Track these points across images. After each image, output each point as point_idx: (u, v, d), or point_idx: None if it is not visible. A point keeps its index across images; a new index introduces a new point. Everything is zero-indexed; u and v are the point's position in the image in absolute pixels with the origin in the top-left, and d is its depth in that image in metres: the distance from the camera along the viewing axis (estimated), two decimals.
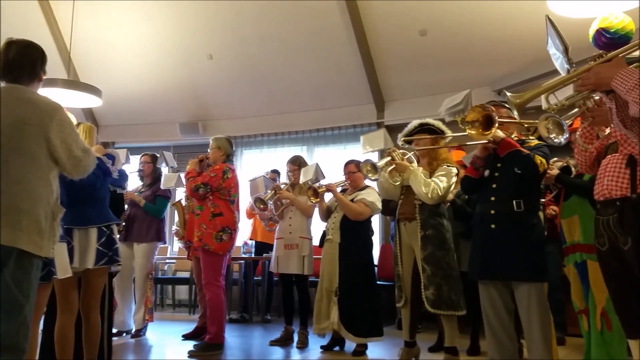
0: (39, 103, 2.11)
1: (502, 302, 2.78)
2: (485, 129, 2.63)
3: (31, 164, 2.04)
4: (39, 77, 2.22)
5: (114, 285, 4.80)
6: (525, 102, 2.55)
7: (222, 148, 4.32)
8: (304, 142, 7.20)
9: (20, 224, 1.94)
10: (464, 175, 3.04)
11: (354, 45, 6.24)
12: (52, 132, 2.07)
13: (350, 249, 4.00)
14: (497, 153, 2.82)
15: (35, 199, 2.02)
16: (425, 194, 3.28)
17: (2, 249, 1.91)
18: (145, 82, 7.36)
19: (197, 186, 4.04)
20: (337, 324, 3.89)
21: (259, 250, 5.96)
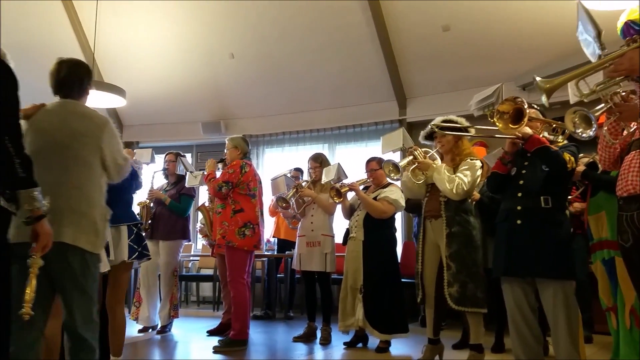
0: (92, 117, 2.37)
1: (526, 300, 2.75)
2: (514, 123, 2.60)
3: (87, 171, 2.29)
4: (86, 92, 2.47)
5: (139, 282, 4.92)
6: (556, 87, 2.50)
7: (239, 147, 4.37)
8: (325, 140, 7.21)
9: (80, 225, 2.17)
10: (491, 172, 2.99)
11: (375, 42, 6.23)
12: (104, 143, 2.34)
13: (374, 246, 4.00)
14: (525, 149, 2.78)
15: (92, 203, 2.27)
16: (450, 190, 3.25)
17: (69, 248, 2.13)
18: (168, 82, 7.46)
19: (219, 185, 4.09)
20: (363, 320, 3.91)
21: (282, 248, 6.00)
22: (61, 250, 2.06)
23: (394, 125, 6.66)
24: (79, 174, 2.25)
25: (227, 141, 4.44)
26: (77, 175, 2.23)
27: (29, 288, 1.75)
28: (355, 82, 6.73)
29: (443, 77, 6.31)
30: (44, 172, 1.99)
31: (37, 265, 1.80)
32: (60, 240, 2.06)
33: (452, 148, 3.46)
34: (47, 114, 2.32)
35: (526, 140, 2.76)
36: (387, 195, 4.03)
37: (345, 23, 6.20)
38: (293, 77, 6.95)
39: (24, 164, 1.70)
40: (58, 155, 2.22)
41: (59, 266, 2.07)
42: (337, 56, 6.56)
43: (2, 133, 1.65)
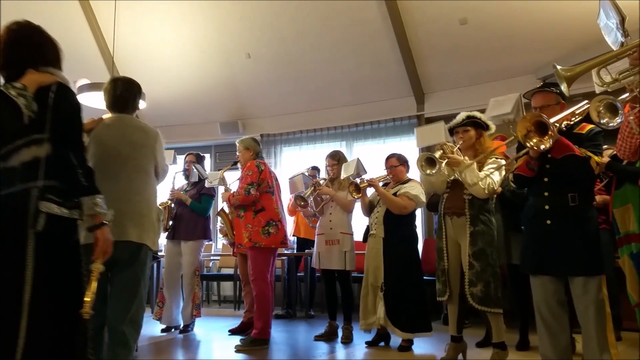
0: (147, 129, 2.72)
1: (555, 295, 2.70)
2: (542, 133, 2.52)
3: (146, 178, 2.63)
4: (137, 107, 2.84)
5: (162, 282, 4.96)
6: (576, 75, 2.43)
7: (250, 148, 4.37)
8: (343, 138, 7.18)
9: (143, 226, 2.49)
10: (516, 174, 2.91)
11: (392, 38, 6.18)
12: (158, 152, 2.70)
13: (395, 243, 3.96)
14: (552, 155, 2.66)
15: (151, 206, 2.62)
16: (483, 189, 3.19)
17: (134, 246, 2.47)
18: (186, 84, 7.51)
19: (246, 190, 4.07)
20: (384, 319, 3.87)
21: (302, 247, 6.00)
22: (127, 247, 2.40)
23: (412, 121, 6.60)
24: (139, 181, 2.57)
25: (238, 143, 4.44)
26: (138, 182, 2.54)
27: (89, 290, 1.86)
28: (372, 79, 6.69)
29: (461, 71, 6.23)
30: (109, 180, 2.34)
31: (98, 270, 1.92)
32: (127, 239, 2.41)
33: (474, 144, 3.40)
34: (108, 128, 2.61)
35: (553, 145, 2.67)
36: (407, 190, 3.99)
37: (361, 19, 6.17)
38: (309, 75, 6.94)
39: (86, 174, 1.91)
40: (121, 165, 2.53)
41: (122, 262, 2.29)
42: (354, 53, 6.53)
43: (68, 149, 1.87)
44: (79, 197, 1.89)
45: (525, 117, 2.58)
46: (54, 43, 2.04)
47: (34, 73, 1.88)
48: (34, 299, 1.72)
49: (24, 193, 1.77)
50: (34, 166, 1.79)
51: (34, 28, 2.00)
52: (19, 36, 1.95)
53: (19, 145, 1.79)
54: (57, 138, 1.84)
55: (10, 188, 1.78)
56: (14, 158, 1.79)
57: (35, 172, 1.79)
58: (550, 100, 2.82)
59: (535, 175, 2.78)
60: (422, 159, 3.29)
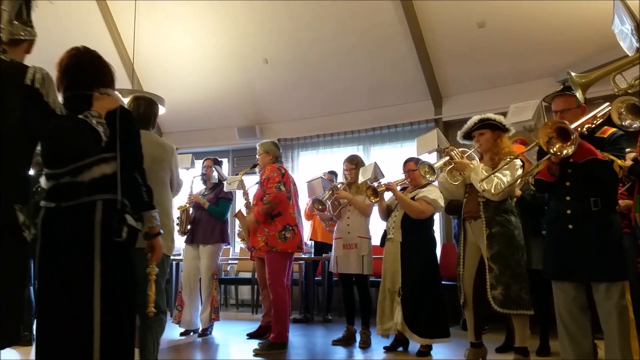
0: (164, 145, 3.04)
1: (577, 301, 2.67)
2: (564, 139, 2.50)
3: (164, 190, 2.92)
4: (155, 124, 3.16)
5: (181, 285, 5.01)
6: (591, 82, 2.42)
7: (270, 152, 4.39)
8: (360, 142, 7.18)
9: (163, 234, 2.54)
10: (537, 178, 2.89)
11: (409, 41, 6.17)
12: (174, 166, 3.01)
13: (413, 247, 3.94)
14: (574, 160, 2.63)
15: (168, 215, 2.95)
16: (489, 190, 3.17)
17: None
18: (205, 89, 7.59)
19: (277, 186, 4.09)
20: (401, 324, 3.83)
21: (319, 251, 6.00)
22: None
23: (430, 125, 6.58)
24: (159, 192, 2.73)
25: (258, 147, 4.47)
26: (158, 193, 2.63)
27: (150, 291, 2.24)
28: (389, 82, 6.69)
29: (479, 74, 6.20)
30: None
31: (154, 272, 2.26)
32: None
33: (491, 147, 3.38)
34: None
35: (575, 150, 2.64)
36: (425, 195, 3.97)
37: (378, 23, 6.18)
38: (326, 79, 6.96)
39: (147, 192, 2.23)
40: None
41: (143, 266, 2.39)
42: (371, 57, 6.53)
43: (133, 168, 2.13)
44: (142, 211, 2.18)
45: (547, 123, 2.56)
46: (110, 67, 2.22)
47: (99, 98, 2.05)
48: (103, 301, 1.91)
49: (90, 204, 1.95)
50: (101, 182, 1.98)
51: (93, 53, 2.18)
52: (82, 61, 2.12)
53: (89, 163, 1.98)
54: (124, 158, 2.04)
55: (76, 200, 1.96)
56: (84, 174, 1.97)
57: (101, 187, 1.98)
58: (571, 103, 2.80)
59: (557, 180, 2.75)
60: (425, 167, 3.40)
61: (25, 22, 1.92)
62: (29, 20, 1.94)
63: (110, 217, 1.95)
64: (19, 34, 1.89)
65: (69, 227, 1.93)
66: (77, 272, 1.91)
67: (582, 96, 2.33)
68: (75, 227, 1.94)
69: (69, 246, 1.92)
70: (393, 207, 4.19)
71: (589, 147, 2.60)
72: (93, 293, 1.90)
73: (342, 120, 7.20)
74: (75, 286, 1.90)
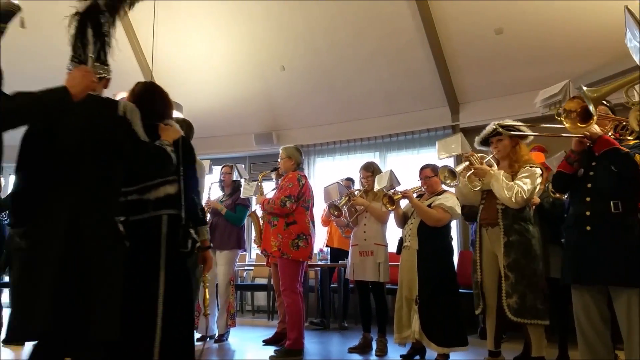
0: (200, 164, 3.30)
1: (596, 309, 2.62)
2: (583, 121, 2.48)
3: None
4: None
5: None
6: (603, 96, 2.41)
7: (292, 157, 4.40)
8: (376, 149, 7.17)
9: None
10: (556, 171, 2.88)
11: (426, 48, 6.17)
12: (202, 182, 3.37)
13: (429, 255, 3.89)
14: (593, 150, 2.64)
15: None
16: (509, 198, 3.13)
17: None
18: (222, 96, 7.66)
19: (282, 202, 4.11)
20: (419, 333, 3.78)
21: (335, 257, 5.99)
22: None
23: (447, 132, 6.55)
24: None
25: (281, 150, 4.49)
26: None
27: (206, 296, 2.70)
28: (406, 89, 6.68)
29: (497, 81, 6.16)
30: None
31: (207, 281, 2.64)
32: None
33: (510, 153, 3.35)
34: None
35: (594, 141, 2.63)
36: (442, 202, 3.93)
37: (395, 29, 6.18)
38: (343, 86, 6.98)
39: (201, 210, 2.60)
40: None
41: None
42: (387, 63, 6.53)
43: (192, 189, 2.46)
44: (198, 227, 2.52)
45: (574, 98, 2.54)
46: (170, 100, 2.59)
47: (165, 129, 2.40)
48: (165, 304, 2.20)
49: (156, 218, 2.29)
50: (165, 200, 2.32)
51: (159, 89, 2.58)
52: (152, 96, 2.51)
53: (156, 183, 2.32)
54: (185, 181, 2.39)
55: (143, 214, 2.28)
56: (151, 193, 2.31)
57: (165, 204, 2.32)
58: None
59: (578, 182, 2.72)
60: (445, 171, 3.34)
61: (103, 62, 2.19)
62: (106, 60, 2.21)
63: (174, 230, 2.29)
64: (99, 73, 2.14)
65: (137, 237, 2.17)
66: (143, 276, 2.19)
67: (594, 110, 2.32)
68: (143, 237, 2.23)
69: (136, 254, 2.14)
70: (409, 214, 4.16)
71: (609, 139, 2.59)
72: (158, 296, 2.20)
73: (359, 126, 7.20)
74: (141, 288, 2.18)
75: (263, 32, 6.84)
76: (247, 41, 7.01)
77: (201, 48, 7.28)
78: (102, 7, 2.26)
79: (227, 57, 7.28)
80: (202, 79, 7.57)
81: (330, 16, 6.36)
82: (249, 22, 6.79)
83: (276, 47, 6.92)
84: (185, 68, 7.52)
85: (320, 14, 6.38)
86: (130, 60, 7.43)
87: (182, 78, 7.60)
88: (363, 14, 6.20)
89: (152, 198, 2.29)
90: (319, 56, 6.80)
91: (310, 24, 6.52)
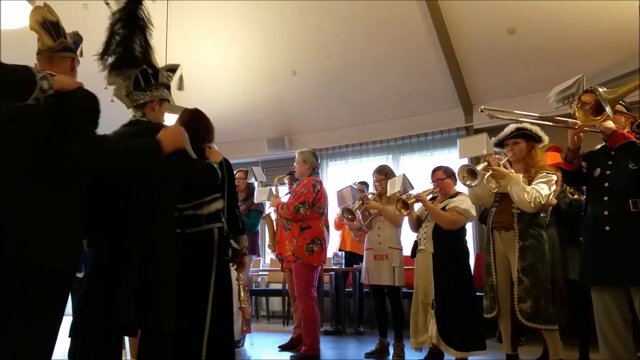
0: None
1: (617, 310, 2.57)
2: (595, 115, 2.44)
3: None
4: None
5: None
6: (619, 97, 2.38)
7: (308, 161, 4.40)
8: (389, 151, 7.15)
9: None
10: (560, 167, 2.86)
11: (438, 49, 6.13)
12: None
13: (445, 258, 3.84)
14: (609, 146, 2.60)
15: None
16: (528, 202, 3.06)
17: None
18: (234, 101, 7.69)
19: (295, 208, 4.11)
20: (436, 337, 3.72)
21: (349, 261, 5.96)
22: None
23: (461, 133, 6.50)
24: None
25: (297, 154, 4.49)
26: None
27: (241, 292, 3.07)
28: (418, 91, 6.65)
29: (510, 81, 6.10)
30: None
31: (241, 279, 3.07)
32: None
33: (525, 157, 3.30)
34: None
35: (609, 136, 2.58)
36: (456, 205, 3.88)
37: (406, 32, 6.16)
38: (355, 89, 6.96)
39: (242, 222, 2.95)
40: None
41: None
42: (399, 66, 6.51)
43: (234, 205, 2.87)
44: (239, 236, 2.86)
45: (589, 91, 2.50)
46: (212, 125, 2.94)
47: (211, 152, 2.73)
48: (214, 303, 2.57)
49: (209, 231, 2.65)
50: (215, 214, 2.68)
51: (203, 115, 2.98)
52: (198, 123, 2.88)
53: (208, 200, 2.68)
54: (229, 198, 2.79)
55: (197, 227, 2.64)
56: (204, 209, 2.66)
57: (215, 218, 2.68)
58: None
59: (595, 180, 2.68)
60: (464, 170, 3.22)
61: (144, 88, 2.38)
62: (147, 86, 2.39)
63: (221, 241, 2.65)
64: (139, 100, 2.36)
65: (193, 247, 2.57)
66: (198, 280, 2.56)
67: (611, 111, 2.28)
68: (197, 247, 2.60)
69: (191, 261, 2.53)
70: (423, 217, 4.12)
71: (625, 133, 2.55)
72: (208, 296, 2.57)
73: (372, 129, 7.18)
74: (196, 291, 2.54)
75: (275, 37, 6.85)
76: (259, 47, 7.03)
77: (213, 55, 7.32)
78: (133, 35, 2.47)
79: (239, 63, 7.31)
80: (214, 85, 7.61)
81: (341, 20, 6.35)
82: (261, 27, 6.81)
83: (288, 52, 6.93)
84: (198, 74, 7.56)
85: (331, 18, 6.38)
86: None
87: (194, 84, 7.63)
88: (374, 18, 6.18)
89: (205, 213, 2.66)
90: (330, 60, 6.80)
91: (321, 28, 6.53)
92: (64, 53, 2.09)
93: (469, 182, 3.19)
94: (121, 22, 2.34)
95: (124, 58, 2.34)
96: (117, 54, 2.34)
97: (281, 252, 4.69)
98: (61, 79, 1.87)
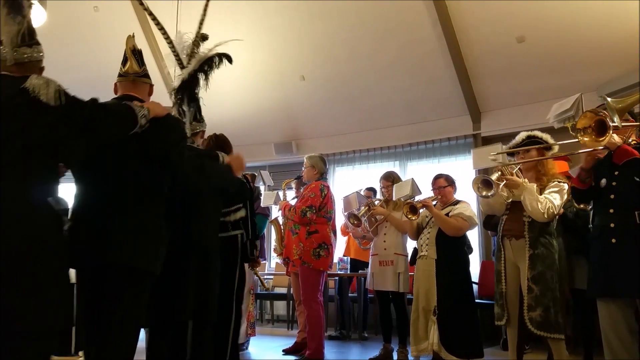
0: None
1: (624, 322, 2.56)
2: (599, 135, 2.44)
3: None
4: None
5: None
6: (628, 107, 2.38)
7: (316, 166, 4.41)
8: (396, 158, 7.14)
9: None
10: (571, 186, 2.85)
11: (446, 56, 6.14)
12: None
13: (448, 265, 3.84)
14: (614, 162, 2.61)
15: None
16: (542, 213, 3.05)
17: None
18: (242, 106, 7.72)
19: (302, 212, 4.13)
20: (437, 344, 3.70)
21: (353, 268, 5.96)
22: None
23: (468, 141, 6.50)
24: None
25: (306, 159, 4.51)
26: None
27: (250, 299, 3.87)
28: (426, 98, 6.65)
29: (519, 89, 6.10)
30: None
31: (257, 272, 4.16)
32: None
33: (537, 165, 3.29)
34: None
35: (614, 152, 2.59)
36: (461, 211, 3.88)
37: (415, 38, 6.17)
38: (363, 95, 6.98)
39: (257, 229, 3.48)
40: None
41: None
42: (408, 72, 6.52)
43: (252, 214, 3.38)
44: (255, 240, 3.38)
45: (587, 114, 2.49)
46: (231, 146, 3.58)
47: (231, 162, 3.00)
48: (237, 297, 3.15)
49: (235, 237, 3.16)
50: (239, 222, 3.19)
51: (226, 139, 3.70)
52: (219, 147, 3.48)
53: (234, 209, 3.17)
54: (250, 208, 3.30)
55: (225, 233, 3.09)
56: (230, 216, 3.15)
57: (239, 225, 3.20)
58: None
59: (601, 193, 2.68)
60: (479, 181, 3.22)
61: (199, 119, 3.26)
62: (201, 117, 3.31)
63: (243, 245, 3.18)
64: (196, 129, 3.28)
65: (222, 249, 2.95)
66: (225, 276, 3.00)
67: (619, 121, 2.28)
68: (226, 249, 3.03)
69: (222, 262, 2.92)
70: (424, 224, 4.12)
71: (628, 148, 2.54)
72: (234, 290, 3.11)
73: (379, 135, 7.19)
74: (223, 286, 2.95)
75: (283, 43, 6.89)
76: (267, 52, 7.07)
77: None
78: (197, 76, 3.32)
79: (248, 68, 7.34)
80: (222, 90, 7.63)
81: (349, 26, 6.38)
82: (270, 33, 6.86)
83: (296, 57, 6.97)
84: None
85: (339, 24, 6.41)
86: (153, 72, 7.53)
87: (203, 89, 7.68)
88: (383, 24, 6.20)
89: (231, 220, 3.14)
90: (338, 66, 6.82)
91: (329, 34, 6.56)
92: (146, 79, 2.53)
93: (484, 193, 3.18)
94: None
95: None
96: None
97: (288, 256, 4.71)
98: (154, 108, 2.20)
